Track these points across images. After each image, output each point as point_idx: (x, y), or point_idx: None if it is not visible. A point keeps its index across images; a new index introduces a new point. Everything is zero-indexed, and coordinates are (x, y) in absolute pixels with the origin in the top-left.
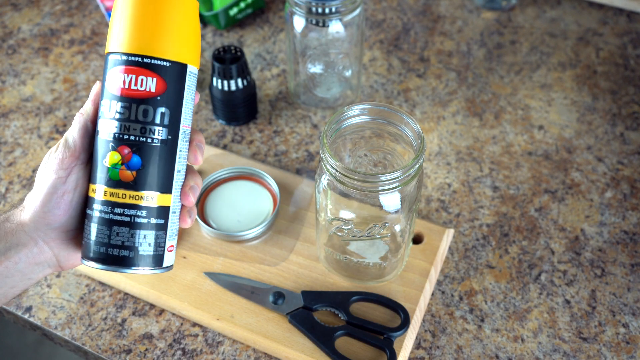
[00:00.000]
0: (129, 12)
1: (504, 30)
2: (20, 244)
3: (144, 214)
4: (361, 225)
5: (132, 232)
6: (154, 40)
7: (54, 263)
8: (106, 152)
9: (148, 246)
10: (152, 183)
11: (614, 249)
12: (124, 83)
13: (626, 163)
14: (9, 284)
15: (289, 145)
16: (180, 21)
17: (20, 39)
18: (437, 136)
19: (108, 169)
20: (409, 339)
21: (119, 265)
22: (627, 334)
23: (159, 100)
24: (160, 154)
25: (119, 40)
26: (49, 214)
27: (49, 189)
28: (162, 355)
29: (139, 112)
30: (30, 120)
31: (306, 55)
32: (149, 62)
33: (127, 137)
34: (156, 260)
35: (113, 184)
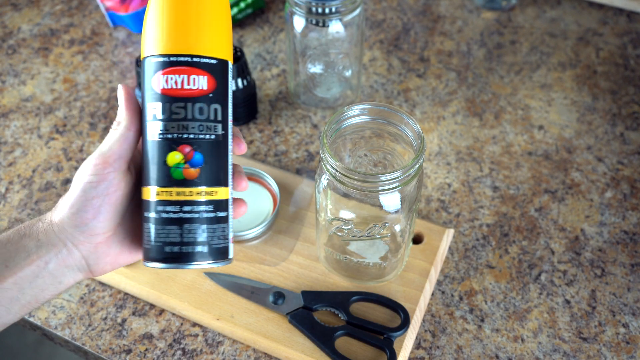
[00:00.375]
0: (170, 14)
1: (504, 30)
2: (50, 244)
3: (211, 208)
4: (361, 225)
5: (202, 227)
6: (201, 40)
7: (84, 267)
8: (165, 153)
9: (217, 239)
10: (213, 178)
11: (614, 249)
12: (177, 84)
13: (626, 163)
14: (40, 286)
15: (289, 145)
16: (220, 19)
17: (20, 39)
18: (437, 136)
19: (170, 169)
20: (409, 339)
21: (195, 261)
22: (627, 334)
23: (212, 97)
24: (218, 149)
25: (165, 42)
26: (77, 216)
27: (79, 192)
28: (162, 355)
29: (195, 111)
30: (30, 120)
31: (306, 55)
32: (199, 61)
33: (186, 136)
34: (224, 252)
35: (179, 182)
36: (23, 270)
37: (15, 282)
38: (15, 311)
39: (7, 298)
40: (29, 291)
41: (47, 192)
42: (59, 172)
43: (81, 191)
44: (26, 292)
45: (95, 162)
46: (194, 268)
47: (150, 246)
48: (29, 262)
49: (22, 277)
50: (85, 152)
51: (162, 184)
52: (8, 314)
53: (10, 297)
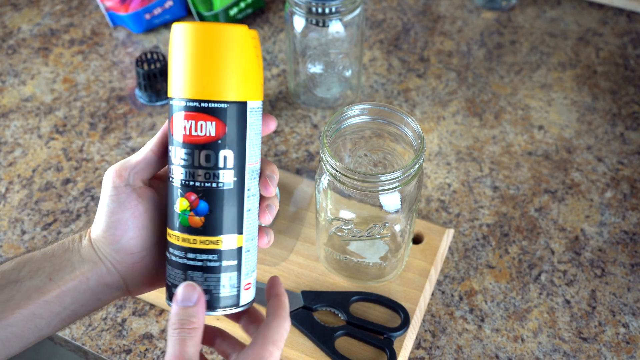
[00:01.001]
0: (183, 56)
1: (504, 30)
2: (91, 261)
3: (216, 257)
4: (361, 225)
5: (205, 276)
6: (208, 84)
7: (122, 287)
8: (176, 198)
9: (223, 288)
10: (221, 227)
11: (614, 249)
12: (185, 129)
13: (626, 163)
14: (80, 301)
15: (289, 145)
16: (235, 60)
17: (20, 39)
18: (437, 136)
19: (179, 215)
20: (409, 339)
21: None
22: (627, 334)
23: (220, 144)
24: (227, 197)
25: (178, 85)
26: (108, 233)
27: (105, 208)
28: (162, 355)
29: (201, 158)
30: (30, 120)
31: (306, 55)
32: (207, 106)
33: (192, 183)
34: (233, 301)
35: (184, 229)
36: (67, 285)
37: (58, 295)
38: (54, 325)
39: (49, 311)
40: (69, 306)
41: (47, 192)
42: (59, 172)
43: (106, 207)
44: (67, 307)
45: (112, 174)
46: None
47: (167, 284)
48: (73, 277)
49: (65, 291)
50: (85, 152)
51: (172, 227)
52: (47, 327)
53: (52, 310)
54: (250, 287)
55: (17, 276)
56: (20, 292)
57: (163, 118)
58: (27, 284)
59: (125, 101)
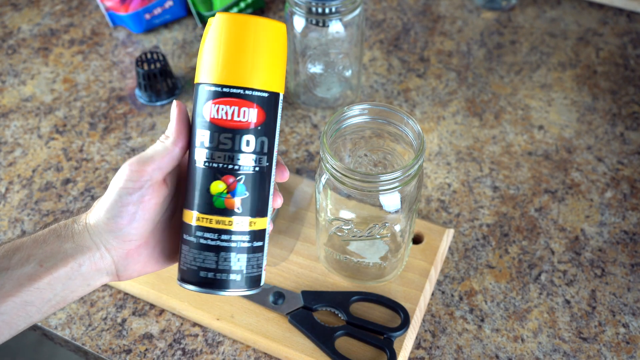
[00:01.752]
0: (229, 44)
1: (504, 30)
2: (85, 247)
3: (248, 238)
4: (361, 225)
5: (238, 256)
6: (255, 73)
7: (113, 271)
8: (208, 181)
9: (251, 268)
10: (253, 209)
11: (614, 249)
12: (227, 114)
13: (626, 163)
14: (71, 287)
15: (289, 145)
16: (275, 53)
17: (20, 39)
18: (437, 136)
19: (213, 197)
20: (409, 339)
21: (227, 288)
22: (627, 334)
23: (260, 130)
24: (260, 180)
25: (219, 72)
26: (112, 221)
27: (115, 197)
28: (162, 355)
29: (242, 143)
30: (30, 120)
31: (306, 55)
32: (250, 94)
33: (231, 166)
34: (257, 280)
35: (218, 211)
36: (58, 271)
37: (49, 282)
38: (44, 311)
39: (40, 298)
40: (60, 292)
41: (47, 192)
42: (59, 172)
43: (117, 196)
44: (58, 293)
45: (133, 167)
46: (225, 295)
47: (186, 268)
48: (65, 264)
49: (56, 277)
50: (85, 152)
51: (203, 210)
52: (38, 314)
53: (43, 297)
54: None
55: (8, 264)
56: (11, 279)
57: (163, 118)
58: (18, 271)
59: (125, 101)
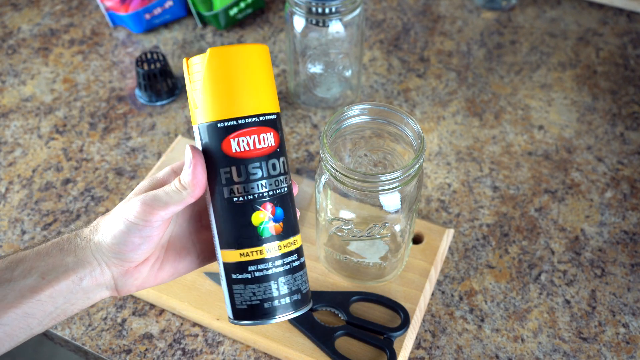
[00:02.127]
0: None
1: (504, 30)
2: (86, 262)
3: (296, 257)
4: (361, 225)
5: (294, 276)
6: (263, 99)
7: (112, 286)
8: (248, 214)
9: (304, 284)
10: (292, 227)
11: (614, 249)
12: (249, 145)
13: (626, 163)
14: (71, 300)
15: (289, 145)
16: (270, 75)
17: (20, 39)
18: (437, 136)
19: (257, 228)
20: (409, 339)
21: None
22: (627, 334)
23: (279, 152)
24: (290, 198)
25: (231, 105)
26: (116, 246)
27: (123, 228)
28: (162, 355)
29: (269, 168)
30: (30, 120)
31: (306, 55)
32: (265, 119)
33: (266, 193)
34: (310, 295)
35: (266, 240)
36: (59, 284)
37: (50, 295)
38: (45, 324)
39: (42, 311)
40: (61, 305)
41: (47, 192)
42: (59, 172)
43: (125, 227)
44: (59, 306)
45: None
46: (290, 318)
47: (246, 306)
48: (66, 277)
49: (57, 290)
50: (85, 152)
51: (250, 244)
52: (39, 326)
53: (45, 309)
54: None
55: (11, 275)
56: (13, 291)
57: (163, 118)
58: (20, 283)
59: (125, 101)
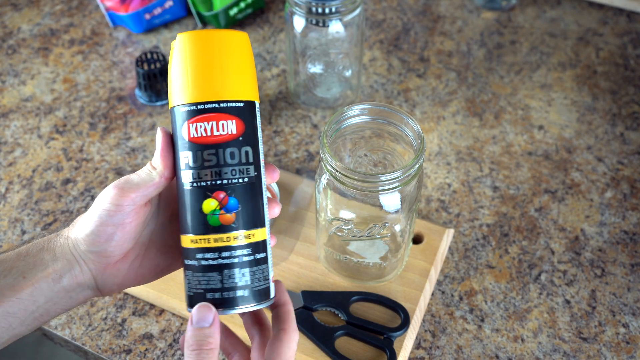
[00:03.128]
0: (195, 63)
1: (504, 30)
2: (65, 259)
3: (250, 251)
4: (361, 225)
5: (242, 271)
6: (226, 85)
7: (93, 285)
8: (199, 200)
9: (258, 281)
10: (250, 220)
11: (614, 249)
12: (206, 131)
13: (626, 163)
14: (53, 299)
15: (289, 145)
16: (242, 62)
17: (20, 39)
18: (437, 136)
19: (207, 216)
20: (409, 339)
21: (236, 305)
22: (627, 334)
23: (242, 141)
24: (252, 190)
25: (191, 91)
26: (90, 238)
27: (96, 218)
28: (162, 355)
29: (226, 156)
30: (30, 120)
31: (306, 55)
32: (226, 106)
33: (220, 182)
34: (265, 293)
35: (215, 229)
36: (39, 283)
37: (31, 293)
38: (27, 323)
39: (23, 310)
40: (43, 304)
41: (47, 192)
42: (59, 172)
43: (97, 217)
44: (40, 305)
45: (117, 191)
46: (235, 312)
47: (193, 293)
48: (46, 275)
49: (37, 288)
50: (85, 152)
51: (199, 231)
52: (21, 326)
53: (26, 308)
54: (274, 280)
55: None
56: None
57: (163, 118)
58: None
59: (125, 101)
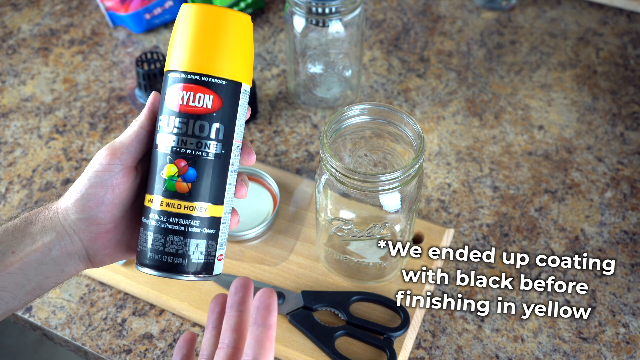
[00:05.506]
0: (188, 33)
1: (504, 30)
2: (54, 230)
3: (197, 223)
4: (361, 225)
5: (185, 240)
6: (211, 60)
7: (84, 256)
8: (163, 164)
9: (200, 254)
10: (205, 194)
11: (614, 249)
12: (183, 100)
13: (626, 163)
14: (44, 273)
15: (289, 145)
16: (236, 43)
17: (20, 39)
18: (437, 136)
19: (165, 181)
20: (409, 339)
21: (173, 272)
22: (627, 334)
23: (215, 117)
24: (214, 167)
25: (179, 59)
26: (80, 203)
27: (85, 181)
28: (162, 355)
29: (195, 127)
30: (30, 120)
31: (306, 55)
32: (207, 80)
33: (183, 150)
34: (207, 268)
35: (169, 194)
36: (28, 257)
37: (20, 267)
38: (20, 297)
39: (13, 284)
40: (33, 278)
41: (47, 192)
42: (59, 172)
43: (87, 180)
44: (31, 279)
45: (104, 152)
46: (174, 279)
47: (139, 249)
48: (35, 249)
49: (27, 262)
50: (85, 152)
51: (157, 192)
52: (14, 300)
53: (16, 282)
54: (222, 259)
55: None
56: None
57: None
58: None
59: (125, 101)
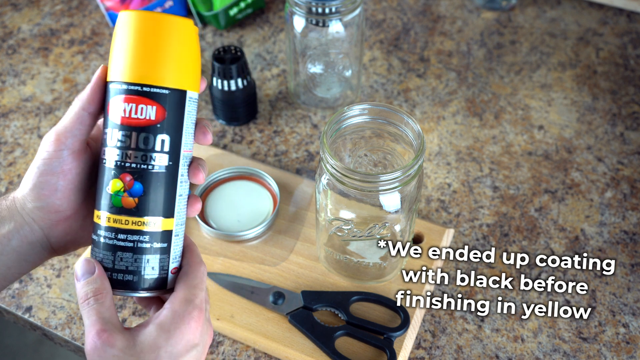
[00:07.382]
0: (127, 42)
1: (504, 30)
2: (12, 220)
3: (147, 239)
4: (361, 225)
5: (135, 257)
6: (152, 69)
7: (47, 245)
8: (109, 179)
9: (152, 270)
10: (154, 208)
11: (614, 249)
12: (125, 112)
13: (626, 163)
14: (7, 263)
15: (289, 145)
16: (178, 49)
17: (20, 39)
18: (437, 136)
19: (111, 196)
20: (409, 339)
21: (125, 289)
22: (627, 334)
23: (159, 128)
24: (162, 180)
25: (119, 69)
26: (34, 192)
27: (35, 170)
28: None
29: (139, 140)
30: (30, 120)
31: (306, 55)
32: (148, 90)
33: (128, 164)
34: (160, 283)
35: (116, 210)
36: None
37: None
38: None
39: None
40: None
41: None
42: None
43: (37, 168)
44: None
45: (50, 138)
46: (124, 295)
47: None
48: None
49: None
50: None
51: (103, 209)
52: None
53: None
54: (176, 272)
55: None
56: None
57: None
58: None
59: None
